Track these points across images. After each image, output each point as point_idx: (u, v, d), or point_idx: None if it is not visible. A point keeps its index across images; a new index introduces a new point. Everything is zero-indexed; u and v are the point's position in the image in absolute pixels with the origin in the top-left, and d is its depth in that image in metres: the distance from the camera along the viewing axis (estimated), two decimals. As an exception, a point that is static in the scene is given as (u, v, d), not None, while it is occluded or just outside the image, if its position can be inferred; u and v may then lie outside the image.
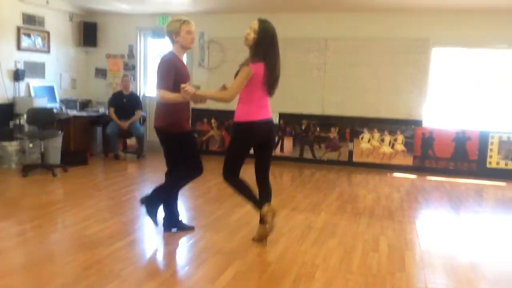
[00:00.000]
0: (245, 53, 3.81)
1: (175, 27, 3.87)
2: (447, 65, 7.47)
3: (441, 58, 7.45)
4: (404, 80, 7.51)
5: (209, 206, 5.14)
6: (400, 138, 7.61)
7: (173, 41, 3.92)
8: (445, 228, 4.78)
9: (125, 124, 7.68)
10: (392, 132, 7.64)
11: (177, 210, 4.25)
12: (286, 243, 3.99)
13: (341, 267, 3.51)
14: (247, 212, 4.87)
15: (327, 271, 3.43)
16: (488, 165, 7.32)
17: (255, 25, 3.70)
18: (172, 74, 3.77)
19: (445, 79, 7.48)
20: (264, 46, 3.68)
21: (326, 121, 7.92)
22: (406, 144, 7.59)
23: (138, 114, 7.90)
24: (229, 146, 3.93)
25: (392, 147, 7.66)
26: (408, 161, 7.60)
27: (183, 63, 4.00)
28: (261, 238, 3.93)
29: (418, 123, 7.55)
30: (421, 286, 3.27)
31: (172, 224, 4.19)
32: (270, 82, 3.72)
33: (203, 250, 3.76)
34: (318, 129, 7.98)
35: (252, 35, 3.69)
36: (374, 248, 3.96)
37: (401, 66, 7.50)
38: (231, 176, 3.88)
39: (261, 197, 3.90)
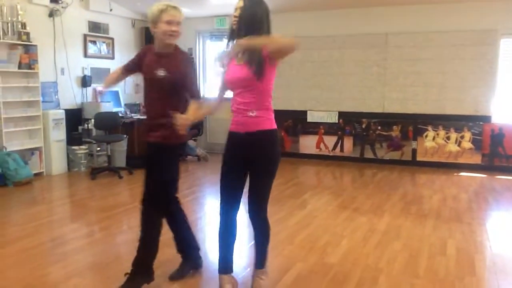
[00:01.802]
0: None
1: (153, 15, 3.10)
2: (517, 56, 7.06)
3: (511, 49, 7.05)
4: (471, 74, 7.17)
5: (269, 208, 5.10)
6: (468, 135, 7.26)
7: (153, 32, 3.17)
8: (519, 230, 4.51)
9: None
10: (458, 129, 7.31)
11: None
12: (348, 246, 3.92)
13: (406, 271, 3.39)
14: (307, 215, 4.84)
15: (391, 275, 3.33)
16: None
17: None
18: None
19: (515, 71, 7.08)
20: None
21: (387, 119, 7.71)
22: (473, 142, 7.24)
23: None
24: (273, 168, 2.93)
25: (459, 145, 7.33)
26: (476, 159, 7.25)
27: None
28: None
29: (486, 119, 7.17)
30: (493, 293, 3.11)
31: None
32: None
33: (264, 252, 3.75)
34: (379, 127, 7.78)
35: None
36: (442, 251, 3.79)
37: (467, 59, 7.16)
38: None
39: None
